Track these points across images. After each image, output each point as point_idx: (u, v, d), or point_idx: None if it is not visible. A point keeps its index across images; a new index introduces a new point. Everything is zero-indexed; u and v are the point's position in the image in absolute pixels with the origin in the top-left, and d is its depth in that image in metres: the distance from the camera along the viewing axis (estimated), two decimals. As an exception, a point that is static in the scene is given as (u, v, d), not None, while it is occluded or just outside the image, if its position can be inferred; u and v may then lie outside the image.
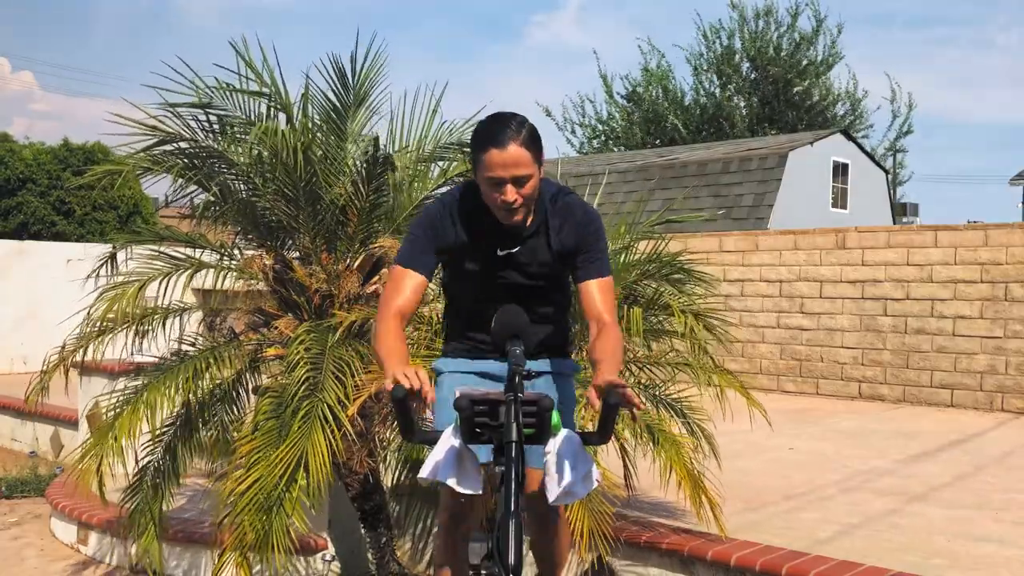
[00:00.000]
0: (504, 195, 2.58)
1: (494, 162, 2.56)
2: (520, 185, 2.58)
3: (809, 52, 26.15)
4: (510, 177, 2.57)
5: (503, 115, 2.67)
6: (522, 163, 2.56)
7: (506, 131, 2.57)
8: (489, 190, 2.61)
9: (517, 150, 2.56)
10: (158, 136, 4.39)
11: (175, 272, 4.74)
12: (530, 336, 2.52)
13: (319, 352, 4.09)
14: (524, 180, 2.58)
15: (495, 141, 2.56)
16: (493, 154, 2.56)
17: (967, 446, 7.41)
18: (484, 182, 2.61)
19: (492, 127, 2.61)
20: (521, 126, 2.60)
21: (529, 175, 2.59)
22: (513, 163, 2.55)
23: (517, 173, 2.56)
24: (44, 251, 12.85)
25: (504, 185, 2.57)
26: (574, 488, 2.61)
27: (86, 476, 4.43)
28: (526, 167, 2.57)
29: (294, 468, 3.82)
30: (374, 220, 4.58)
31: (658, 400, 4.74)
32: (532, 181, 2.61)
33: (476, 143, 2.63)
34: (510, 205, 2.59)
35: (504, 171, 2.56)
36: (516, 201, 2.59)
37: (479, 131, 2.64)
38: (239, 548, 3.81)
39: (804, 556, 4.21)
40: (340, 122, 4.63)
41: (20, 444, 9.26)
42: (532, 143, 2.60)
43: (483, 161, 2.58)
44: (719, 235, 11.56)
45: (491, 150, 2.56)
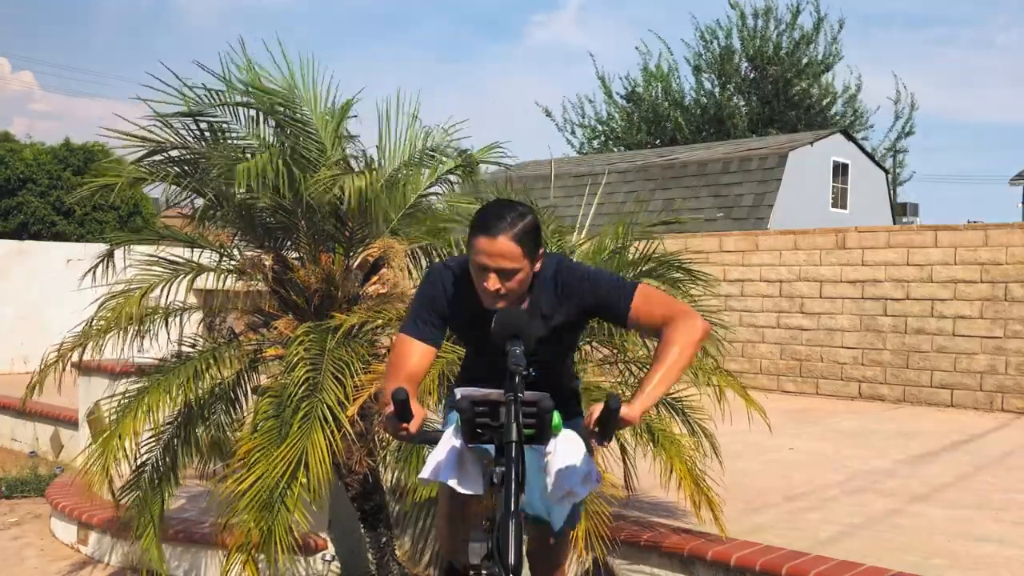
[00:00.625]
0: (487, 283, 2.53)
1: (481, 249, 2.50)
2: (505, 277, 2.52)
3: (808, 51, 26.13)
4: (495, 267, 2.50)
5: (504, 204, 2.61)
6: (509, 257, 2.49)
7: (500, 222, 2.50)
8: (475, 274, 2.56)
9: (506, 244, 2.48)
10: (149, 147, 4.39)
11: (175, 278, 4.75)
12: (530, 336, 2.52)
13: (318, 352, 4.10)
14: (510, 273, 2.52)
15: (486, 229, 2.50)
16: (481, 241, 2.50)
17: (967, 446, 7.41)
18: (472, 264, 2.56)
19: (490, 211, 2.56)
20: (519, 219, 2.52)
21: (516, 269, 2.52)
22: (499, 254, 2.49)
23: (503, 265, 2.50)
24: (44, 251, 12.86)
25: (488, 273, 2.52)
26: (574, 488, 2.61)
27: (91, 480, 4.44)
28: (513, 261, 2.50)
29: (295, 467, 3.83)
30: (368, 223, 4.59)
31: (658, 401, 4.74)
32: (520, 276, 2.53)
33: (472, 226, 2.57)
34: (492, 294, 2.54)
35: (489, 260, 2.50)
36: (499, 290, 2.53)
37: (478, 214, 2.59)
38: (245, 548, 3.82)
39: (804, 556, 4.21)
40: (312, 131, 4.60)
41: (20, 444, 9.26)
42: (526, 238, 2.52)
43: (472, 245, 2.53)
44: (719, 235, 11.57)
45: (480, 237, 2.50)
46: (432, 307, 2.69)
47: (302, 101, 4.62)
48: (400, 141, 4.89)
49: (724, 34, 26.49)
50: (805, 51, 26.11)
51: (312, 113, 4.65)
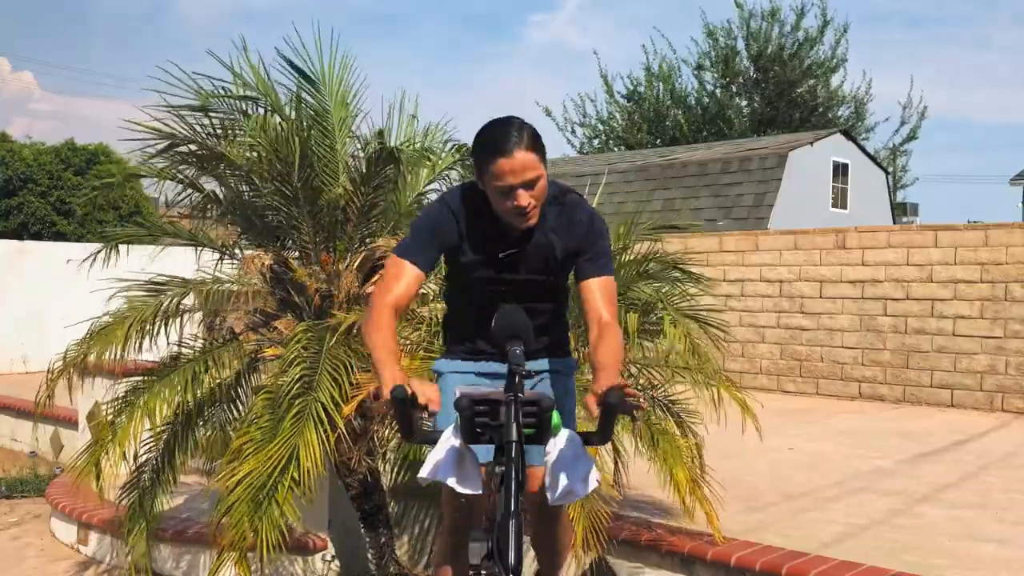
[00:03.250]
0: (518, 201, 2.55)
1: (503, 170, 2.53)
2: (531, 188, 2.57)
3: (812, 52, 26.10)
4: (521, 183, 2.55)
5: (502, 121, 2.64)
6: (530, 167, 2.55)
7: (510, 137, 2.55)
8: (500, 198, 2.58)
9: (524, 155, 2.54)
10: (167, 139, 4.40)
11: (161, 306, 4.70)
12: (530, 336, 2.52)
13: (316, 352, 4.09)
14: (534, 183, 2.57)
15: (501, 150, 2.53)
16: (502, 163, 2.53)
17: (968, 446, 7.40)
18: (494, 191, 2.58)
19: (495, 135, 2.58)
20: (522, 129, 2.57)
21: (539, 176, 2.57)
22: (522, 168, 2.53)
23: (527, 178, 2.55)
24: (44, 251, 12.85)
25: (516, 191, 2.55)
26: (574, 488, 2.61)
27: (90, 480, 4.44)
28: (535, 170, 2.56)
29: (285, 464, 3.82)
30: (372, 219, 4.59)
31: (656, 402, 4.74)
32: (541, 182, 2.60)
33: (481, 152, 2.59)
34: (524, 210, 2.57)
35: (515, 178, 2.54)
36: (529, 204, 2.57)
37: (482, 140, 2.61)
38: (235, 545, 3.81)
39: (804, 556, 4.21)
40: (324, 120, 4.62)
41: (20, 444, 9.26)
42: (536, 144, 2.58)
43: (491, 171, 2.55)
44: (719, 235, 11.56)
45: (499, 159, 2.53)
46: (430, 234, 2.70)
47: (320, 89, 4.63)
48: (401, 137, 4.89)
49: (726, 34, 26.47)
50: (809, 53, 26.08)
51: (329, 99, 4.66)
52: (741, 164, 17.43)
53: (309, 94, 4.59)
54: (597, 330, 2.63)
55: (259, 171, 4.43)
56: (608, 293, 2.71)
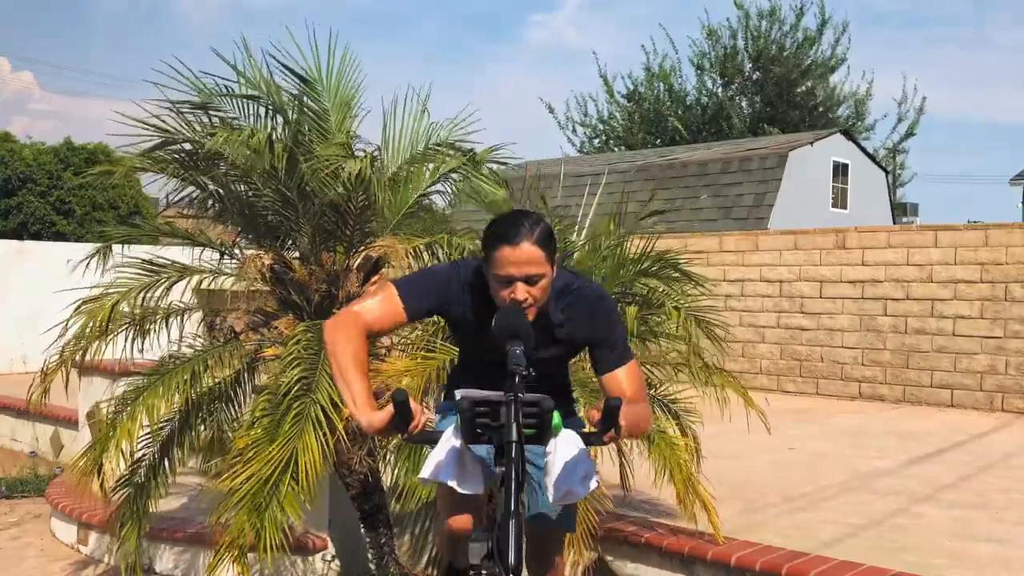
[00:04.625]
0: (514, 293, 2.49)
1: (506, 259, 2.48)
2: (531, 284, 2.50)
3: (812, 51, 26.10)
4: (522, 276, 2.48)
5: (518, 213, 2.61)
6: (534, 262, 2.48)
7: (520, 228, 2.49)
8: (499, 287, 2.52)
9: (530, 248, 2.48)
10: (160, 135, 4.39)
11: (155, 284, 4.72)
12: (530, 337, 2.52)
13: (316, 352, 4.09)
14: (536, 279, 2.50)
15: (507, 238, 2.48)
16: (505, 251, 2.48)
17: (968, 446, 7.40)
18: (494, 279, 2.53)
19: (505, 223, 2.54)
20: (536, 224, 2.52)
21: (541, 274, 2.50)
22: (526, 261, 2.47)
23: (528, 272, 2.48)
24: (44, 251, 12.84)
25: (514, 283, 2.49)
26: (574, 488, 2.61)
27: (89, 480, 4.44)
28: (538, 266, 2.49)
29: (284, 466, 3.82)
30: (371, 220, 4.58)
31: (655, 401, 4.74)
32: (544, 281, 2.52)
33: (488, 239, 2.55)
34: (519, 304, 2.51)
35: (516, 269, 2.48)
36: (526, 300, 2.51)
37: (491, 228, 2.57)
38: (235, 545, 3.81)
39: (804, 556, 4.21)
40: (322, 123, 4.61)
41: (20, 444, 9.26)
42: (546, 241, 2.52)
43: (494, 258, 2.50)
44: (719, 235, 11.56)
45: (503, 247, 2.48)
46: (440, 297, 2.66)
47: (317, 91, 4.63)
48: (403, 138, 4.87)
49: (729, 34, 26.47)
50: (808, 52, 26.08)
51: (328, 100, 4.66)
52: (741, 164, 17.43)
53: (308, 96, 4.58)
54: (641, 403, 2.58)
55: (258, 172, 4.43)
56: (633, 378, 2.64)
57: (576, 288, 2.67)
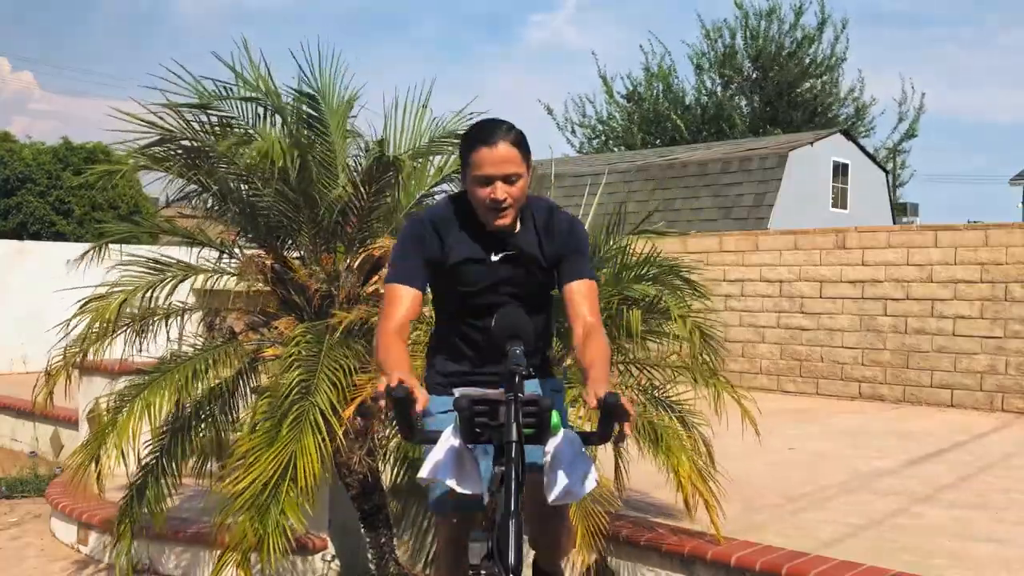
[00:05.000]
0: (494, 192, 2.59)
1: (484, 160, 2.58)
2: (510, 183, 2.60)
3: (811, 50, 26.10)
4: (500, 175, 2.59)
5: (492, 119, 2.71)
6: (511, 161, 2.59)
7: (496, 131, 2.62)
8: (478, 189, 2.62)
9: (507, 148, 2.59)
10: (159, 133, 4.39)
11: (161, 282, 4.72)
12: (530, 337, 2.51)
13: (315, 353, 4.09)
14: (513, 179, 2.61)
15: (485, 140, 2.60)
16: (483, 152, 2.59)
17: (968, 446, 7.40)
18: (473, 181, 2.63)
19: (482, 128, 2.66)
20: (510, 129, 2.64)
21: (518, 174, 2.61)
22: (502, 160, 2.58)
23: (507, 171, 2.59)
24: (44, 251, 12.84)
25: (493, 182, 2.59)
26: (573, 488, 2.60)
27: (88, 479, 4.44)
28: (515, 165, 2.60)
29: (283, 470, 3.82)
30: (373, 220, 4.58)
31: (657, 402, 4.74)
32: (521, 182, 2.63)
33: (465, 144, 2.66)
34: (499, 203, 2.60)
35: (494, 168, 2.58)
36: (505, 200, 2.60)
37: (468, 133, 2.69)
38: (239, 548, 3.81)
39: (804, 556, 4.21)
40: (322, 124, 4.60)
41: (20, 444, 9.25)
42: (522, 145, 2.64)
43: (472, 160, 2.61)
44: (719, 235, 11.56)
45: (481, 148, 2.59)
46: (419, 250, 2.69)
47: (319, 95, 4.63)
48: (406, 136, 4.86)
49: (729, 33, 26.47)
50: (808, 51, 26.08)
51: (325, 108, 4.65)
52: (741, 164, 17.43)
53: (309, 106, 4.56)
54: (582, 331, 2.64)
55: (259, 173, 4.43)
56: (591, 295, 2.73)
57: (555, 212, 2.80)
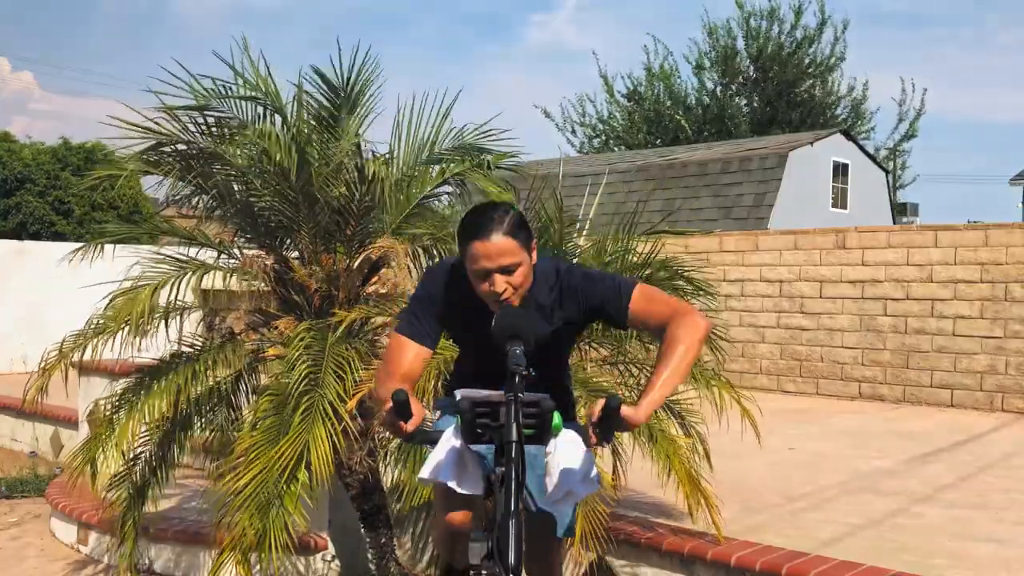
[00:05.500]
0: (493, 286, 2.51)
1: (479, 254, 2.49)
2: (508, 273, 2.51)
3: (812, 50, 26.10)
4: (496, 268, 2.50)
5: (485, 206, 2.63)
6: (507, 252, 2.50)
7: (489, 223, 2.51)
8: (477, 281, 2.54)
9: (501, 240, 2.49)
10: (155, 138, 4.38)
11: (182, 276, 4.74)
12: (530, 335, 2.51)
13: (319, 349, 4.10)
14: (512, 269, 2.51)
15: (477, 233, 2.50)
16: (476, 246, 2.49)
17: (968, 446, 7.40)
18: (471, 274, 2.55)
19: (476, 218, 2.56)
20: (505, 214, 2.53)
21: (517, 263, 2.52)
22: (497, 253, 2.49)
23: (503, 263, 2.50)
24: (44, 251, 12.84)
25: (491, 276, 2.51)
26: (574, 488, 2.61)
27: (87, 479, 4.44)
28: (512, 256, 2.51)
29: (295, 463, 3.82)
30: (371, 221, 4.58)
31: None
32: (522, 269, 2.53)
33: (460, 237, 2.57)
34: (498, 296, 2.52)
35: (490, 262, 2.49)
36: (505, 291, 2.52)
37: (463, 223, 2.58)
38: (238, 547, 3.81)
39: (804, 556, 4.21)
40: (332, 125, 4.60)
41: (20, 444, 9.25)
42: (518, 230, 2.53)
43: (468, 253, 2.52)
44: (719, 235, 11.56)
45: (474, 243, 2.50)
46: (428, 307, 2.67)
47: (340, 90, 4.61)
48: (412, 142, 4.84)
49: (726, 33, 26.46)
50: (808, 51, 26.08)
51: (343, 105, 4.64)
52: (741, 164, 17.43)
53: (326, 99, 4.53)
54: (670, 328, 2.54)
55: (258, 173, 4.43)
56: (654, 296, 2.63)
57: (557, 271, 2.68)
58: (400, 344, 2.65)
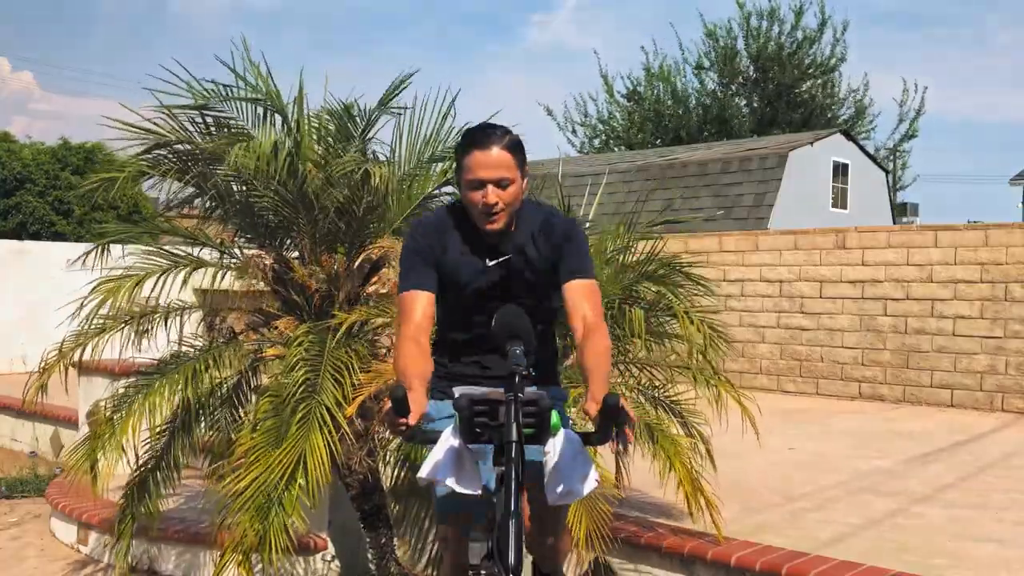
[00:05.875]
0: (485, 197, 2.59)
1: (477, 163, 2.59)
2: (502, 187, 2.60)
3: (812, 51, 26.10)
4: (492, 178, 2.58)
5: (488, 124, 2.72)
6: (504, 165, 2.59)
7: (491, 135, 2.62)
8: (470, 193, 2.62)
9: (500, 153, 2.59)
10: (154, 139, 4.38)
11: (174, 269, 4.73)
12: (530, 336, 2.51)
13: (318, 353, 4.09)
14: (506, 183, 2.60)
15: (478, 143, 2.60)
16: (476, 155, 2.59)
17: (968, 446, 7.40)
18: (466, 185, 2.63)
19: (476, 132, 2.66)
20: (506, 133, 2.64)
21: (511, 179, 2.61)
22: (495, 164, 2.58)
23: (499, 175, 2.59)
24: (44, 251, 12.84)
25: (485, 187, 2.59)
26: (574, 488, 2.60)
27: (88, 479, 4.44)
28: (508, 170, 2.60)
29: (293, 469, 3.82)
30: (371, 222, 4.58)
31: (657, 401, 4.74)
32: (514, 188, 2.62)
33: (460, 147, 2.67)
34: (491, 208, 2.60)
35: (486, 172, 2.58)
36: (497, 204, 2.60)
37: (463, 137, 2.69)
38: (239, 548, 3.81)
39: (804, 556, 4.21)
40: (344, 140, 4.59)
41: (20, 444, 9.25)
42: (516, 150, 2.64)
43: (465, 164, 2.61)
44: (719, 235, 11.56)
45: (474, 152, 2.60)
46: (423, 256, 2.71)
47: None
48: (414, 139, 4.83)
49: (726, 33, 26.45)
50: (808, 52, 26.07)
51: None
52: (741, 164, 17.43)
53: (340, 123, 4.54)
54: (583, 330, 2.61)
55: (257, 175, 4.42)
56: (591, 295, 2.70)
57: (555, 213, 2.81)
58: (408, 299, 2.68)
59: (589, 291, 2.71)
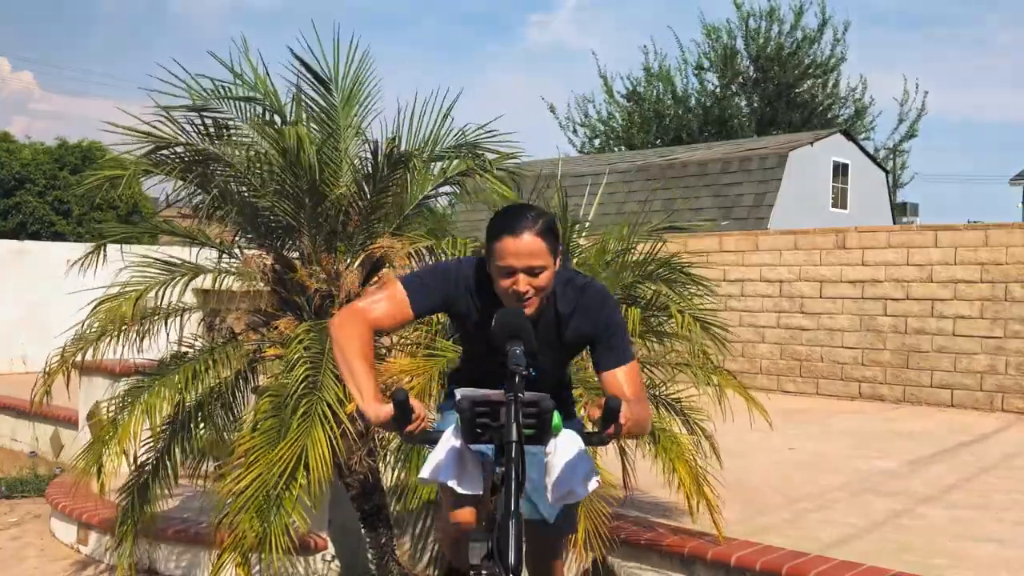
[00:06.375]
0: (516, 285, 2.50)
1: (507, 250, 2.49)
2: (533, 275, 2.51)
3: (812, 51, 26.10)
4: (523, 267, 2.49)
5: (522, 205, 2.63)
6: (536, 253, 2.49)
7: (522, 220, 2.51)
8: (501, 278, 2.53)
9: (532, 239, 2.49)
10: (153, 142, 4.37)
11: (171, 281, 4.73)
12: (530, 337, 2.51)
13: (319, 351, 4.09)
14: (538, 271, 2.51)
15: (509, 229, 2.50)
16: (507, 242, 2.49)
17: (968, 447, 7.40)
18: (496, 271, 2.54)
19: (508, 216, 2.55)
20: (538, 217, 2.54)
21: (543, 266, 2.51)
22: (527, 252, 2.48)
23: (531, 263, 2.49)
24: (44, 251, 12.84)
25: (516, 275, 2.50)
26: (574, 488, 2.60)
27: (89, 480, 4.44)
28: (540, 257, 2.50)
29: (294, 466, 3.82)
30: (375, 220, 4.58)
31: (658, 400, 4.74)
32: (546, 273, 2.53)
33: (490, 231, 2.56)
34: (521, 296, 2.51)
35: (517, 260, 2.49)
36: (527, 292, 2.51)
37: (494, 220, 2.58)
38: (238, 548, 3.81)
39: (804, 556, 4.21)
40: (331, 120, 4.59)
41: (20, 444, 9.25)
42: (548, 235, 2.53)
43: (496, 249, 2.51)
44: (719, 235, 11.56)
45: (505, 238, 2.49)
46: (446, 293, 2.66)
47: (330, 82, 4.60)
48: (413, 139, 4.82)
49: (726, 33, 26.45)
50: (808, 52, 26.07)
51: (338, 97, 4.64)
52: (741, 164, 17.43)
53: (318, 94, 4.54)
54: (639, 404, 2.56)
55: (258, 172, 4.42)
56: (632, 378, 2.64)
57: (582, 285, 2.69)
58: (396, 292, 2.64)
59: (629, 377, 2.63)
